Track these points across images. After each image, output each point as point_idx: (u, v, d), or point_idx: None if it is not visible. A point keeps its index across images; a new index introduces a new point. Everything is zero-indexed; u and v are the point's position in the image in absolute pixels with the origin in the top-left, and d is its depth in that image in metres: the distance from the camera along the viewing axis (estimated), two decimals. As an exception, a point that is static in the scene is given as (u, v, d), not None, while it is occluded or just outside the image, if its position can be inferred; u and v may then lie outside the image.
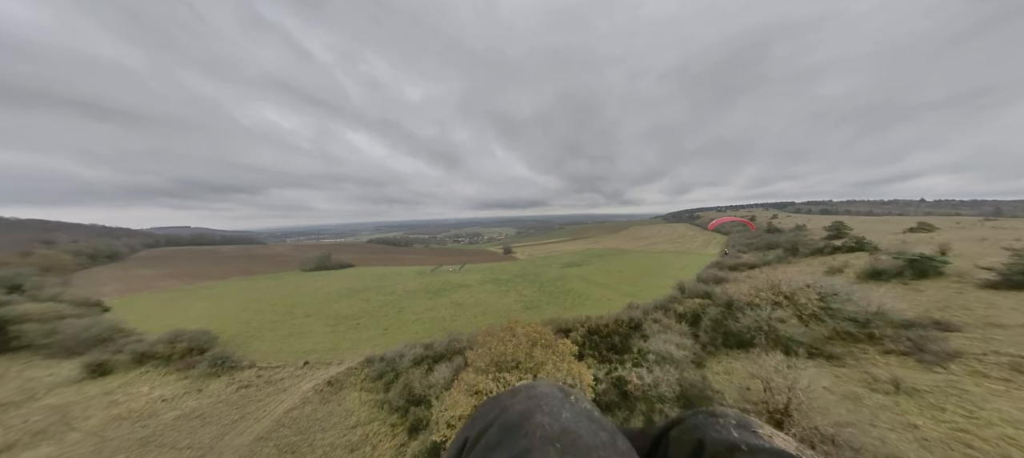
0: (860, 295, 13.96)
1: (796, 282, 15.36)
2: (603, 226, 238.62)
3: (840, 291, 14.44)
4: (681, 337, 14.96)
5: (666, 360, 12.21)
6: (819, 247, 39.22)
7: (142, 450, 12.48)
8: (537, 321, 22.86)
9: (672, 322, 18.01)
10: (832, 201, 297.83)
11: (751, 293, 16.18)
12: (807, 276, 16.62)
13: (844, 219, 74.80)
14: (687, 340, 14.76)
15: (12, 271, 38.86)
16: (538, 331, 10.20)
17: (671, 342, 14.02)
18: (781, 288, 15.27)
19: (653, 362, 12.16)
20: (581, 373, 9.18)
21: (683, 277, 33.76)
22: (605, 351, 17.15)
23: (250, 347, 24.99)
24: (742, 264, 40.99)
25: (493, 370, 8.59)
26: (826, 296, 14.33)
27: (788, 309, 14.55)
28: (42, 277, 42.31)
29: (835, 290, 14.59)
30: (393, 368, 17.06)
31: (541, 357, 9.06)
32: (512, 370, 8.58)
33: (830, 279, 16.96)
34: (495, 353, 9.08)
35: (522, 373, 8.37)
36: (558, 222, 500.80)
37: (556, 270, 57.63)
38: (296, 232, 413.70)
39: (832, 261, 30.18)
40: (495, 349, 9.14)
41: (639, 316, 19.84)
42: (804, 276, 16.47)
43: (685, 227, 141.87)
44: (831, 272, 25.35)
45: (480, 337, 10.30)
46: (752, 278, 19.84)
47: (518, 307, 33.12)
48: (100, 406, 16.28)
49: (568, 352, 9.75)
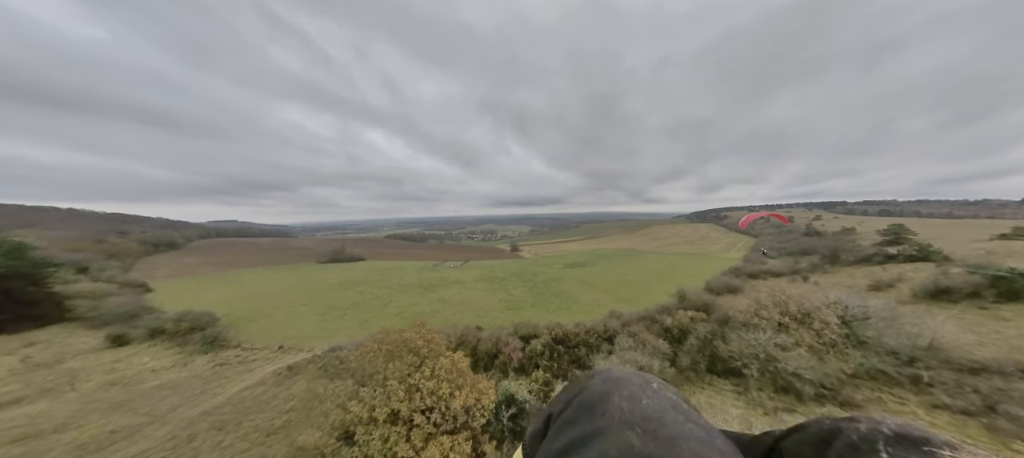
0: (909, 321, 10.70)
1: (813, 300, 12.11)
2: (621, 224, 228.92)
3: (877, 314, 11.10)
4: (652, 357, 12.85)
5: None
6: (867, 255, 32.82)
7: (112, 411, 14.10)
8: (508, 323, 22.47)
9: (651, 337, 15.51)
10: (896, 201, 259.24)
11: (750, 310, 13.05)
12: (841, 290, 13.49)
13: (909, 222, 63.28)
14: (656, 361, 12.65)
15: (82, 255, 46.39)
16: (436, 341, 9.73)
17: (637, 361, 12.14)
18: (790, 307, 12.15)
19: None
20: (482, 391, 8.50)
21: (692, 283, 30.63)
22: (567, 363, 15.63)
23: (245, 329, 27.32)
24: (764, 271, 36.29)
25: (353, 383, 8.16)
26: (853, 320, 11.09)
27: (800, 333, 11.41)
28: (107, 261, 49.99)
29: (867, 312, 11.35)
30: (341, 360, 17.67)
31: (395, 372, 8.11)
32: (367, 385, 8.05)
33: (868, 297, 13.22)
34: (357, 366, 8.66)
35: (373, 388, 7.89)
36: (574, 220, 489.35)
37: (556, 270, 56.14)
38: (325, 227, 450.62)
39: (882, 273, 24.77)
40: (362, 360, 8.70)
41: (616, 327, 17.77)
42: (835, 291, 13.39)
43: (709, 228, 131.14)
44: (876, 288, 20.45)
45: (370, 343, 9.44)
46: (757, 290, 16.32)
47: (500, 307, 32.65)
48: (103, 371, 18.76)
49: (456, 365, 8.69)
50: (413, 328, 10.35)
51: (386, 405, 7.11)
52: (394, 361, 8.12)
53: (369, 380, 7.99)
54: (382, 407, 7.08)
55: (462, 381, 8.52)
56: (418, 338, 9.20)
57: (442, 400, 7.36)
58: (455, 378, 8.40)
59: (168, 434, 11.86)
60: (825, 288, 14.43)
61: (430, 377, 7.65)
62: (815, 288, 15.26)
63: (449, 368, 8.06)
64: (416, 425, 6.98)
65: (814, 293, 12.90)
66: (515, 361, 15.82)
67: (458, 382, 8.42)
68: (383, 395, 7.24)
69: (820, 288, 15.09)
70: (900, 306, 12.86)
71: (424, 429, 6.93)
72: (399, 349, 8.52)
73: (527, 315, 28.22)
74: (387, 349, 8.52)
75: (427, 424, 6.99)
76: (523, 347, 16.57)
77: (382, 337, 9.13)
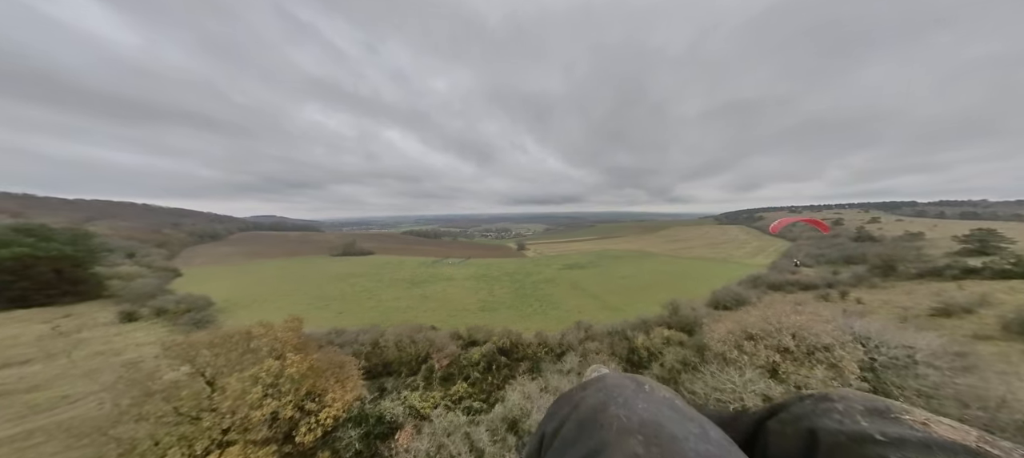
0: (992, 371, 7.53)
1: (824, 331, 8.76)
2: (640, 225, 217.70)
3: (932, 357, 7.80)
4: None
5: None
6: (936, 267, 26.46)
7: (79, 379, 15.94)
8: (461, 326, 21.83)
9: (605, 359, 13.65)
10: (987, 201, 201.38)
11: (728, 339, 10.04)
12: (875, 319, 10.45)
13: (1004, 227, 49.45)
14: None
15: (133, 243, 53.63)
16: (290, 341, 9.23)
17: (561, 385, 10.33)
18: (784, 339, 8.98)
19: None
20: (328, 401, 7.92)
21: (699, 292, 27.45)
22: (503, 379, 13.73)
23: (233, 314, 29.66)
24: (791, 282, 31.49)
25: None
26: (888, 364, 8.01)
27: (803, 374, 8.25)
28: (153, 249, 57.46)
29: (914, 354, 7.95)
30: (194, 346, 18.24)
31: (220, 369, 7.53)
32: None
33: (924, 327, 10.08)
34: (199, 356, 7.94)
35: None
36: (591, 219, 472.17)
37: (553, 271, 54.45)
38: (351, 223, 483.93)
39: (956, 292, 19.00)
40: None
41: (573, 341, 16.09)
42: (867, 319, 10.22)
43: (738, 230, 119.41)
44: (943, 312, 15.48)
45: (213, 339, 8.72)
46: (747, 313, 11.77)
47: (475, 307, 32.13)
48: (100, 343, 21.34)
49: (285, 371, 7.95)
50: (284, 323, 10.27)
51: (189, 401, 6.98)
52: (225, 356, 8.06)
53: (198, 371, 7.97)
54: (186, 402, 6.96)
55: (287, 387, 8.03)
56: (268, 336, 9.05)
57: (247, 406, 6.95)
58: (280, 384, 7.93)
59: (100, 402, 13.03)
60: (851, 314, 10.98)
61: (245, 379, 7.38)
62: (837, 311, 11.68)
63: (276, 372, 7.76)
64: (206, 427, 6.69)
65: (828, 321, 9.40)
66: (439, 369, 14.94)
67: (284, 388, 7.99)
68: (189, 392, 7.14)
69: (849, 313, 11.66)
70: (979, 343, 9.22)
71: (210, 433, 6.55)
72: (234, 344, 8.43)
73: (499, 317, 27.47)
74: (226, 343, 8.46)
75: (215, 429, 6.64)
76: (460, 353, 15.72)
77: (230, 332, 9.12)
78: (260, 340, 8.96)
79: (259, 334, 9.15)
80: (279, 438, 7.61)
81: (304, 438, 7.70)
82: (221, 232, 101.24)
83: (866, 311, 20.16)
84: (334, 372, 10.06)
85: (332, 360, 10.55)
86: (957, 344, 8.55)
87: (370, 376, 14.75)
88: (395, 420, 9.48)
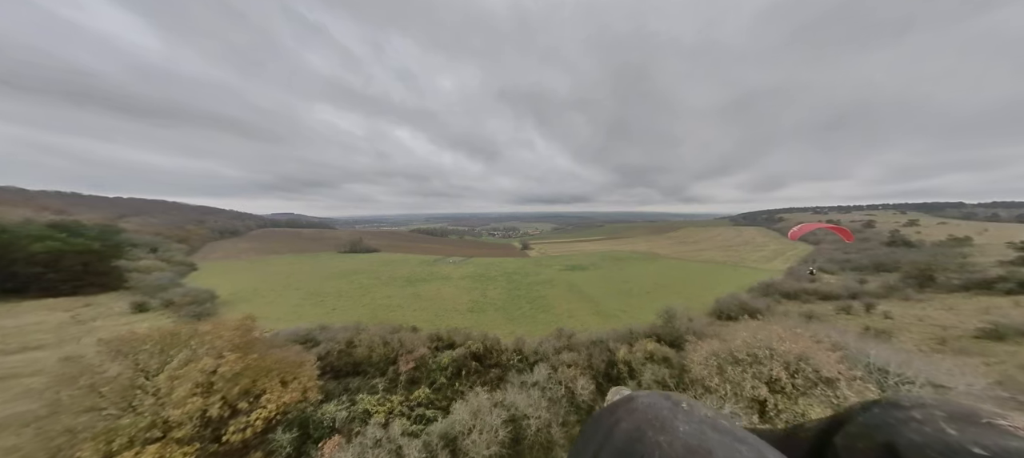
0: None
1: (825, 364, 7.28)
2: (650, 225, 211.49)
3: (974, 400, 6.40)
4: (553, 406, 9.88)
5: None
6: (988, 278, 22.77)
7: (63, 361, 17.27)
8: (445, 326, 21.57)
9: (576, 373, 12.28)
10: None
11: (709, 364, 8.82)
12: (901, 346, 8.94)
13: None
14: (543, 408, 9.39)
15: (157, 239, 57.34)
16: (231, 340, 8.92)
17: (518, 401, 9.44)
18: (775, 371, 7.48)
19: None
20: (264, 402, 7.65)
21: (705, 299, 26.28)
22: (470, 386, 12.84)
23: (234, 307, 30.99)
24: (809, 291, 28.78)
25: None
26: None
27: (797, 408, 7.10)
28: (175, 244, 61.30)
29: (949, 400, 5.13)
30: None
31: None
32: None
33: (967, 350, 8.53)
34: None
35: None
36: (601, 219, 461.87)
37: (553, 272, 53.70)
38: (363, 220, 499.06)
39: (1011, 309, 16.50)
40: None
41: (548, 350, 15.27)
42: (889, 346, 8.70)
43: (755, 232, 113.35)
44: (993, 335, 12.52)
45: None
46: (733, 334, 10.08)
47: (464, 308, 32.03)
48: (104, 330, 22.94)
49: (218, 370, 7.90)
50: (237, 322, 10.47)
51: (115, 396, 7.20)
52: (162, 353, 8.31)
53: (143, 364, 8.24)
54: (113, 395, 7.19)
55: (219, 386, 7.96)
56: (211, 334, 9.20)
57: (171, 404, 6.97)
58: (213, 383, 7.99)
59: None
60: (868, 337, 9.18)
61: (175, 377, 7.45)
62: (849, 332, 9.84)
63: (209, 371, 7.87)
64: (127, 424, 6.66)
65: (833, 349, 7.86)
66: (404, 374, 14.18)
67: (217, 387, 8.06)
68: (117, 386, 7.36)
69: (866, 336, 10.04)
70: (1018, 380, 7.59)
71: (129, 431, 6.56)
72: (174, 341, 8.66)
73: (486, 319, 27.25)
74: (166, 340, 8.71)
75: (134, 426, 6.65)
76: (428, 357, 15.24)
77: (174, 329, 9.38)
78: (202, 338, 9.17)
79: (203, 332, 9.36)
80: (205, 437, 7.72)
81: (231, 437, 7.77)
82: (241, 229, 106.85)
83: (894, 328, 17.68)
84: (282, 372, 10.17)
85: (283, 360, 10.63)
86: (1014, 383, 6.30)
87: (339, 376, 14.81)
88: (337, 425, 9.41)
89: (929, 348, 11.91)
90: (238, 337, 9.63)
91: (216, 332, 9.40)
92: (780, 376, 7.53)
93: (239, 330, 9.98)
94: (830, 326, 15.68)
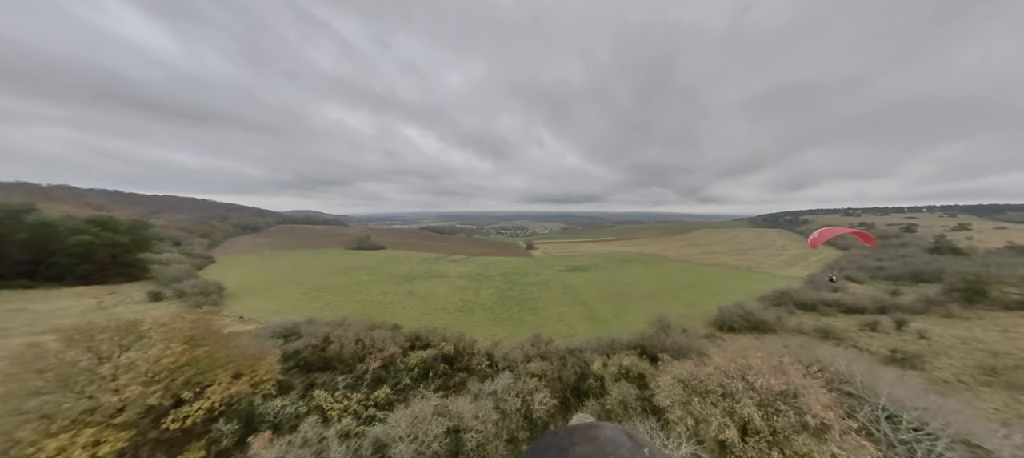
0: None
1: (816, 405, 5.85)
2: (661, 226, 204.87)
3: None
4: (504, 421, 9.05)
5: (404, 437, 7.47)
6: None
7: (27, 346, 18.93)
8: (431, 325, 21.89)
9: (539, 385, 11.46)
10: None
11: (674, 392, 7.68)
12: (952, 364, 7.98)
13: None
14: (491, 422, 8.64)
15: (179, 233, 61.56)
16: (175, 330, 9.29)
17: (465, 410, 8.71)
18: (746, 410, 6.21)
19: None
20: (212, 391, 7.72)
21: (707, 307, 24.90)
22: (434, 389, 12.48)
23: (239, 299, 32.82)
24: (829, 302, 25.98)
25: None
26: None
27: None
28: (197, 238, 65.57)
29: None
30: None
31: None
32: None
33: (994, 402, 7.01)
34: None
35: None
36: (612, 219, 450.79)
37: (552, 273, 53.20)
38: (376, 218, 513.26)
39: None
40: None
41: (518, 357, 14.61)
42: (934, 366, 7.86)
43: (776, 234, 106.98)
44: None
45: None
46: (707, 358, 8.93)
47: (454, 307, 32.24)
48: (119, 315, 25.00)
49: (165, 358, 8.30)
50: (198, 314, 11.10)
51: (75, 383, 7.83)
52: (125, 339, 8.99)
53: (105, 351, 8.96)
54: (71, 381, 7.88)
55: (162, 376, 8.24)
56: (166, 326, 9.80)
57: (108, 390, 7.39)
58: (157, 372, 8.23)
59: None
60: (885, 371, 7.46)
61: (118, 366, 7.88)
62: (859, 360, 8.07)
63: (154, 360, 8.43)
64: (67, 407, 7.10)
65: (827, 386, 6.93)
66: (370, 372, 14.01)
67: (161, 377, 8.21)
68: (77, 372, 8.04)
69: (883, 365, 8.16)
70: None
71: (70, 413, 6.99)
72: (126, 331, 9.31)
73: (472, 320, 27.25)
74: (120, 330, 9.41)
75: (74, 410, 7.10)
76: (397, 356, 15.07)
77: (132, 320, 10.11)
78: (161, 330, 9.81)
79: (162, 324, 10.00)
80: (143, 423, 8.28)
81: (170, 425, 8.28)
82: (260, 224, 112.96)
83: (929, 351, 14.85)
84: (238, 365, 10.68)
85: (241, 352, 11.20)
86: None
87: (309, 370, 15.34)
88: (278, 420, 9.68)
89: (972, 379, 9.86)
90: (193, 329, 10.18)
91: (172, 324, 9.99)
92: (753, 416, 6.05)
93: (197, 323, 10.56)
94: (841, 350, 13.60)
